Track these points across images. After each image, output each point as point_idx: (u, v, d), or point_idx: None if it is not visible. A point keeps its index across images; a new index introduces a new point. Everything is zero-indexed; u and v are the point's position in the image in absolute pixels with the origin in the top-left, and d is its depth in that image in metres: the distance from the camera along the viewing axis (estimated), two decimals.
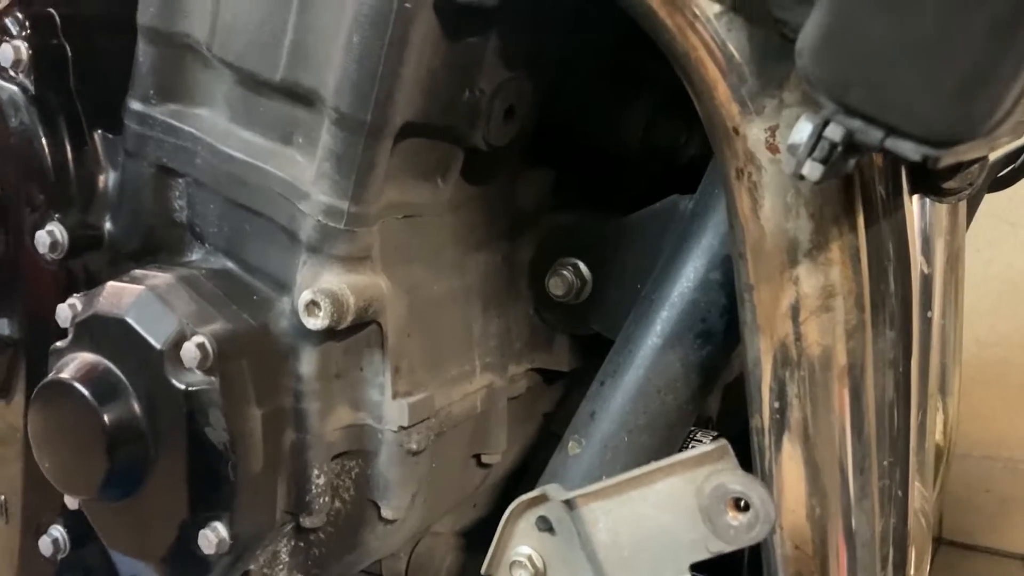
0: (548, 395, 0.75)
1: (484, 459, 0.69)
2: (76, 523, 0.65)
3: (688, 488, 0.48)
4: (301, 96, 0.55)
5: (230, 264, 0.60)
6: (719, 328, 0.59)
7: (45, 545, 0.66)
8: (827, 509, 0.53)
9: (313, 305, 0.54)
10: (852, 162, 0.41)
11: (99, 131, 0.64)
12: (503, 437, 0.69)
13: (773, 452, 0.52)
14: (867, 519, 0.55)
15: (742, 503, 0.47)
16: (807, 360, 0.50)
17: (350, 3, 0.51)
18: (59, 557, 0.67)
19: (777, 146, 0.47)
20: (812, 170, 0.41)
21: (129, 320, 0.55)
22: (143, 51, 0.60)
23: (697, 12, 0.46)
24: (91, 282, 0.61)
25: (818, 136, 0.41)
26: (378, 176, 0.54)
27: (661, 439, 0.60)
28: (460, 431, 0.65)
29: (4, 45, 0.61)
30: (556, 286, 0.66)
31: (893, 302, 0.62)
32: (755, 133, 0.47)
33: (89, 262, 0.64)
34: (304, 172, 0.55)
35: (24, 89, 0.62)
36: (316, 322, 0.53)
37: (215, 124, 0.59)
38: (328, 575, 0.64)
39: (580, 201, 0.71)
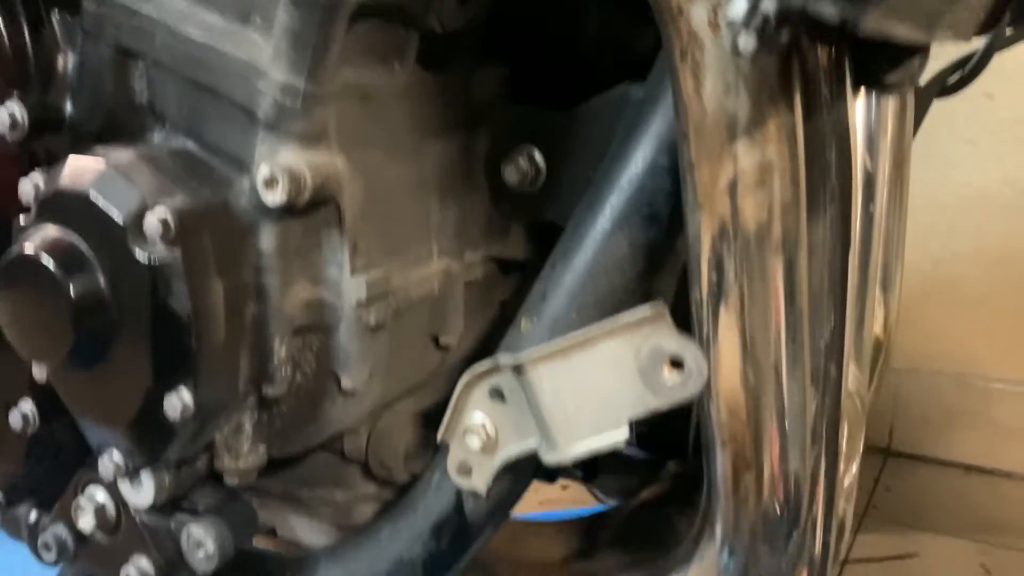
0: (505, 284, 0.78)
1: (442, 341, 0.71)
2: (45, 398, 0.67)
3: (627, 349, 0.52)
4: None
5: (191, 144, 0.61)
6: (665, 212, 0.61)
7: (15, 420, 0.68)
8: (760, 377, 0.56)
9: (271, 181, 0.55)
10: (785, 34, 0.44)
11: (57, 12, 0.64)
12: (460, 320, 0.71)
13: (710, 323, 0.55)
14: (798, 388, 0.58)
15: (677, 363, 0.51)
16: (743, 234, 0.53)
17: None
18: (29, 432, 0.69)
19: (719, 24, 0.49)
20: (747, 42, 0.44)
21: (92, 194, 0.56)
22: None
23: None
24: (53, 164, 0.62)
25: (753, 8, 0.43)
26: (333, 54, 0.55)
27: (608, 317, 0.63)
28: (418, 312, 0.68)
29: None
30: (511, 174, 0.68)
31: (833, 189, 0.65)
32: (698, 12, 0.49)
33: (50, 144, 0.65)
34: (262, 52, 0.56)
35: None
36: (274, 197, 0.55)
37: (173, 5, 0.59)
38: (290, 446, 0.67)
39: (537, 93, 0.72)
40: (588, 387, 0.53)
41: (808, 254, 0.63)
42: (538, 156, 0.68)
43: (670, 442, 0.89)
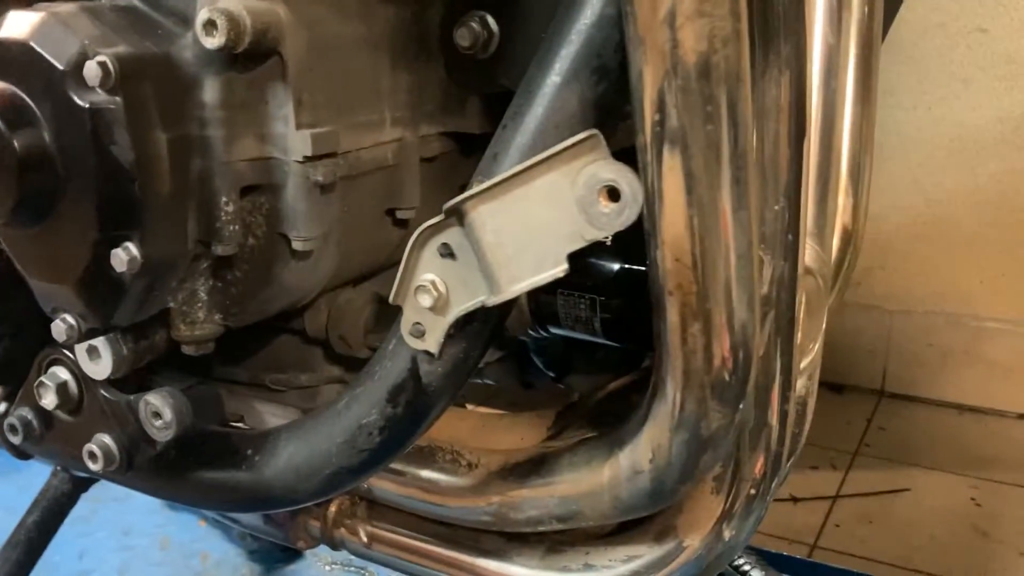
0: (465, 165, 0.78)
1: (399, 215, 0.71)
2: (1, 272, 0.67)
3: (564, 181, 0.51)
4: None
5: (136, 1, 0.61)
6: (613, 64, 0.60)
7: None
8: (704, 220, 0.56)
9: (210, 24, 0.55)
10: None
11: None
12: (416, 193, 0.71)
13: (654, 166, 0.55)
14: (745, 237, 0.58)
15: (614, 192, 0.50)
16: (683, 68, 0.52)
17: None
18: None
19: None
20: None
21: (32, 43, 0.56)
22: None
23: None
24: None
25: None
26: None
27: None
28: (372, 180, 0.67)
29: None
30: (463, 37, 0.67)
31: (787, 55, 0.64)
32: None
33: None
34: None
35: None
36: (213, 41, 0.55)
37: None
38: (246, 313, 0.67)
39: None
40: (527, 223, 0.53)
41: (758, 112, 0.63)
42: (490, 19, 0.67)
43: (641, 335, 0.89)
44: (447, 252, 0.59)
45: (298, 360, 0.77)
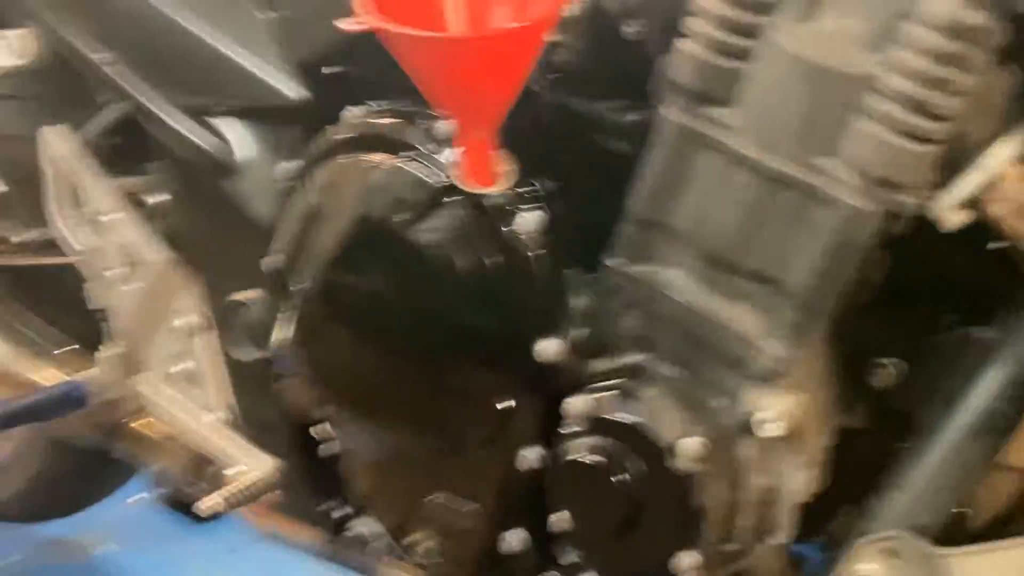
0: None
1: None
2: None
3: None
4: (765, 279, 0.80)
5: (677, 371, 0.86)
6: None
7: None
8: None
9: (766, 419, 0.81)
10: None
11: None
12: None
13: None
14: None
15: None
16: None
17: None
18: None
19: None
20: None
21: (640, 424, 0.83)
22: (625, 228, 0.85)
23: None
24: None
25: None
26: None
27: None
28: None
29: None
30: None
31: None
32: None
33: None
34: (755, 326, 0.81)
35: None
36: (771, 430, 0.81)
37: (683, 286, 0.84)
38: None
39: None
40: None
41: None
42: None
43: None
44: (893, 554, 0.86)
45: None
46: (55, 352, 1.28)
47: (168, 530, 2.10)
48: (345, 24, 0.76)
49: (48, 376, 1.29)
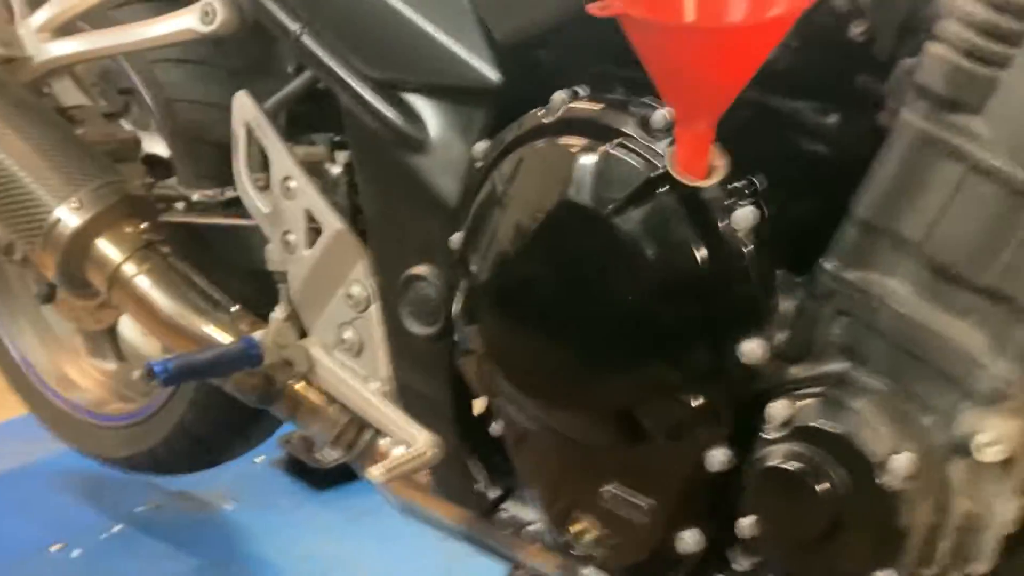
0: None
1: None
2: None
3: None
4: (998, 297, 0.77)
5: (884, 384, 0.84)
6: None
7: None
8: None
9: (989, 444, 0.78)
10: None
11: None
12: None
13: None
14: None
15: None
16: None
17: None
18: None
19: None
20: None
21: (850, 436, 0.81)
22: (847, 231, 0.83)
23: None
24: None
25: None
26: None
27: None
28: None
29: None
30: None
31: None
32: None
33: None
34: (977, 343, 0.78)
35: None
36: (993, 455, 0.78)
37: (900, 293, 0.82)
38: None
39: None
40: None
41: None
42: None
43: None
44: None
45: None
46: (231, 310, 1.31)
47: (289, 494, 2.16)
48: (594, 8, 0.76)
49: (214, 334, 1.33)
